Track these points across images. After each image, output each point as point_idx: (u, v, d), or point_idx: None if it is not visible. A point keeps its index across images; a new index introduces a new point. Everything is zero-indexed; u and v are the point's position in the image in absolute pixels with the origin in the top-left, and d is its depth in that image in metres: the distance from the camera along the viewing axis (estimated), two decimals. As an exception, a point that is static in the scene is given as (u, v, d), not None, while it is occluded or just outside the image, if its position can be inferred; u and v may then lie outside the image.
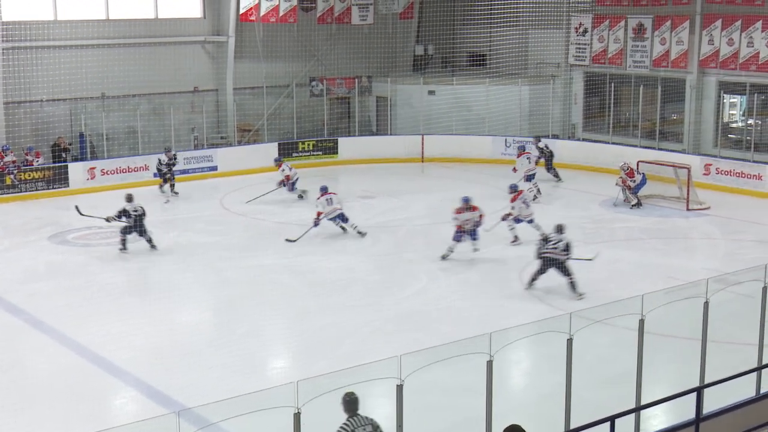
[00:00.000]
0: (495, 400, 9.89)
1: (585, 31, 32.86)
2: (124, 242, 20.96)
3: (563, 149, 31.10)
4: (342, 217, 22.29)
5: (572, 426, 10.11)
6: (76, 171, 27.59)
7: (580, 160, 30.53)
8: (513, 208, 21.58)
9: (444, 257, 20.22)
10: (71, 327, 16.17)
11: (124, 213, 20.94)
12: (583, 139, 32.79)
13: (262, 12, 32.20)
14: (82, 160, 28.68)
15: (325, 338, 15.73)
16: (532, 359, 14.81)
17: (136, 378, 14.02)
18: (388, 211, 25.28)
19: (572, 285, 17.66)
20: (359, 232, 22.29)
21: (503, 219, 21.62)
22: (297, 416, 8.41)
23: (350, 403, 9.35)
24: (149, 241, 21.04)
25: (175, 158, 27.19)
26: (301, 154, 31.50)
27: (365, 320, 16.56)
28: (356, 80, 33.93)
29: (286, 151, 31.21)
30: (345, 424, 9.39)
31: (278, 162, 26.72)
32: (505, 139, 31.73)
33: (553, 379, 11.13)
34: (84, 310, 17.29)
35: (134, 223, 20.94)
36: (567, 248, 17.82)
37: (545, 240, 18.19)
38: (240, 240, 22.33)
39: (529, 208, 21.76)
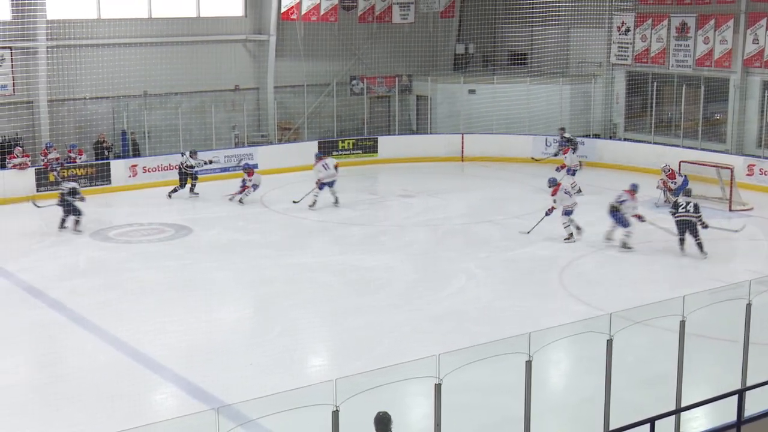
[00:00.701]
0: (533, 400, 9.86)
1: (627, 30, 32.65)
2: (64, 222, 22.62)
3: (604, 149, 30.96)
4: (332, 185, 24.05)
5: (612, 427, 10.07)
6: (118, 168, 27.85)
7: (621, 161, 30.34)
8: (555, 201, 21.63)
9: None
10: (111, 323, 16.32)
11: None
12: (625, 139, 32.61)
13: (304, 11, 32.32)
14: (124, 157, 28.96)
15: (363, 337, 15.76)
16: (572, 360, 14.75)
17: (175, 374, 14.12)
18: (427, 210, 25.28)
19: (700, 246, 19.78)
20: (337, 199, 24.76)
21: (547, 214, 21.69)
22: (335, 414, 8.41)
23: (381, 421, 9.27)
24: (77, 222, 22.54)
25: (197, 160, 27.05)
26: (341, 152, 31.57)
27: (403, 319, 16.56)
28: (396, 79, 33.96)
29: (327, 149, 31.26)
30: None
31: (318, 157, 26.30)
32: (546, 139, 31.60)
33: (593, 380, 11.06)
34: (124, 306, 17.46)
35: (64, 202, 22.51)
36: (697, 209, 19.54)
37: (675, 206, 19.92)
38: (279, 238, 22.44)
39: (571, 197, 21.77)
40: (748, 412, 10.60)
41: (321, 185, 24.94)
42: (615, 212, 20.95)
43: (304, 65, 32.57)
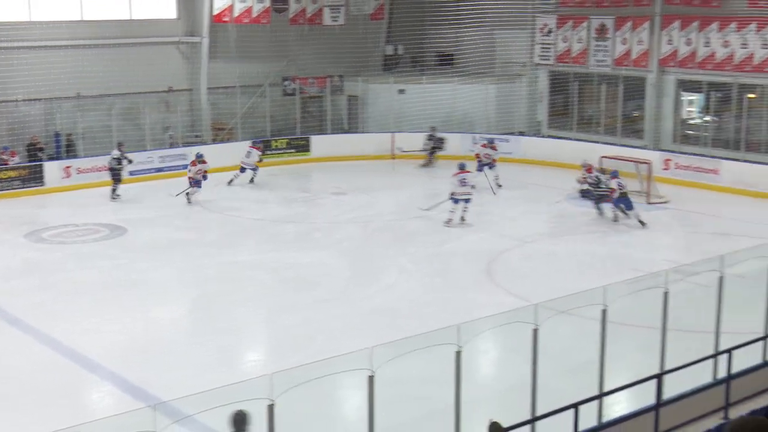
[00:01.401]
0: (463, 389, 10.08)
1: (549, 31, 33.36)
2: None
3: (529, 146, 31.61)
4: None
5: (538, 413, 10.45)
6: (52, 170, 27.63)
7: (545, 157, 31.03)
8: (452, 184, 22.94)
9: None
10: (47, 324, 16.27)
11: None
12: (549, 136, 33.26)
13: (236, 13, 32.37)
14: (57, 159, 28.73)
15: (298, 333, 15.93)
16: (500, 350, 15.10)
17: (112, 373, 14.17)
18: (359, 207, 25.58)
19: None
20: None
21: (453, 200, 22.97)
22: (271, 408, 8.56)
23: (237, 422, 9.16)
24: None
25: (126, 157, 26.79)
26: (274, 152, 31.72)
27: (338, 315, 16.80)
28: (328, 79, 34.16)
29: (262, 148, 31.39)
30: None
31: (253, 144, 27.50)
32: (473, 137, 32.14)
33: (520, 369, 11.32)
34: (59, 307, 17.44)
35: None
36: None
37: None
38: (215, 237, 22.54)
39: (464, 186, 22.84)
40: (667, 395, 11.13)
41: (241, 169, 28.34)
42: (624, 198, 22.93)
43: (237, 67, 32.56)
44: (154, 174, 28.64)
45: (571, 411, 10.00)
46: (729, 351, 11.35)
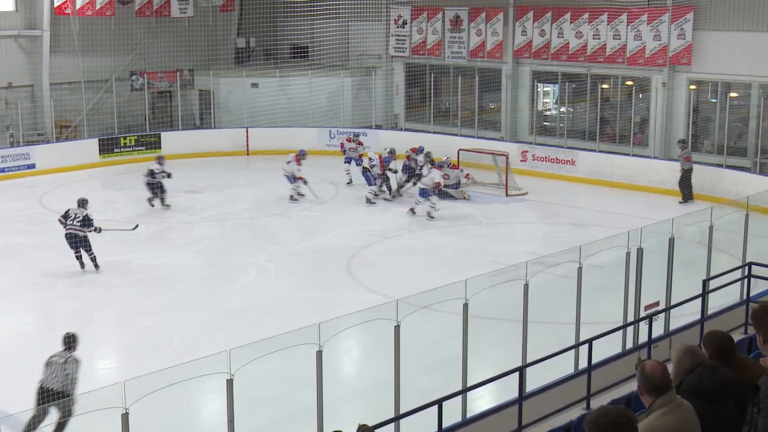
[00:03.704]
0: (326, 389, 10.05)
1: (404, 23, 33.43)
2: None
3: (387, 139, 31.55)
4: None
5: (402, 410, 10.34)
6: None
7: (402, 150, 30.99)
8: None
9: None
10: None
11: None
12: (406, 129, 33.34)
13: (78, 5, 31.31)
14: None
15: (153, 337, 15.56)
16: (362, 347, 15.06)
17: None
18: (214, 205, 25.10)
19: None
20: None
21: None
22: (125, 417, 8.33)
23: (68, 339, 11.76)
24: None
25: None
26: (123, 149, 30.83)
27: (195, 316, 16.45)
28: (178, 74, 33.46)
29: (108, 147, 30.47)
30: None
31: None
32: (330, 131, 31.94)
33: (383, 366, 11.32)
34: None
35: None
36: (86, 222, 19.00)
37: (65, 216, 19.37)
38: (62, 240, 21.65)
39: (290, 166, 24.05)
40: (529, 387, 11.14)
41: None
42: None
43: (81, 61, 31.53)
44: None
45: (435, 407, 9.84)
46: (589, 341, 11.40)
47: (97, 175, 29.15)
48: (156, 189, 24.16)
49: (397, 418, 10.22)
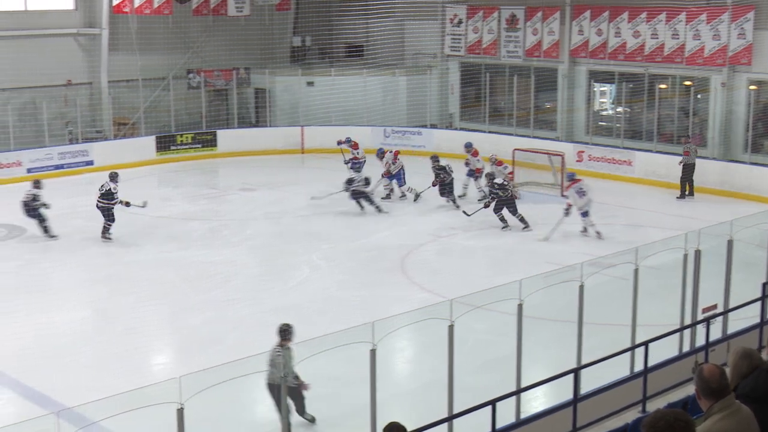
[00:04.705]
0: (379, 388, 10.01)
1: (460, 21, 33.32)
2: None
3: (441, 139, 31.50)
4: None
5: (455, 411, 10.29)
6: (-54, 168, 26.72)
7: (458, 150, 30.89)
8: (568, 197, 21.36)
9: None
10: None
11: None
12: (461, 129, 33.22)
13: (136, 3, 31.63)
14: (-49, 156, 27.77)
15: (207, 333, 15.62)
16: (415, 346, 14.99)
17: (12, 379, 13.73)
18: (268, 203, 25.18)
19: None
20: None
21: (566, 213, 20.87)
22: (180, 412, 8.38)
23: (284, 331, 11.26)
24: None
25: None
26: (179, 147, 31.11)
27: (248, 313, 16.51)
28: (234, 72, 33.67)
29: (164, 144, 30.78)
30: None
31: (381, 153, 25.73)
32: (384, 129, 31.94)
33: (436, 366, 11.27)
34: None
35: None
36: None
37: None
38: (119, 235, 21.92)
39: (584, 197, 21.01)
40: (584, 389, 11.01)
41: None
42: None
43: (139, 59, 31.87)
44: (54, 171, 27.73)
45: (489, 408, 9.77)
46: (645, 344, 11.30)
47: (154, 172, 29.49)
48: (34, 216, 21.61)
49: (450, 418, 10.17)
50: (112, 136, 31.25)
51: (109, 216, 21.14)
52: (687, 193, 25.23)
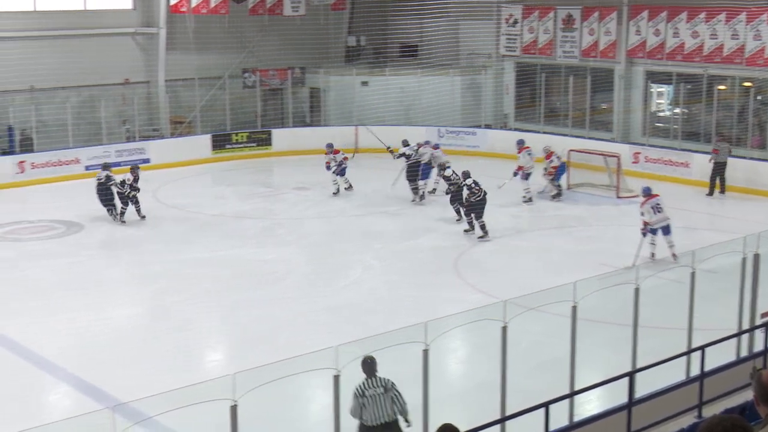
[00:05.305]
0: (431, 388, 9.99)
1: (515, 21, 33.14)
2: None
3: (496, 139, 31.36)
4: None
5: (508, 413, 10.24)
6: (5, 165, 27.09)
7: (512, 150, 30.69)
8: (643, 213, 19.31)
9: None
10: (1, 323, 15.92)
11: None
12: (516, 129, 33.03)
13: (193, 3, 31.88)
14: (11, 153, 28.18)
15: (260, 331, 15.70)
16: (468, 347, 14.95)
17: (69, 374, 13.90)
18: (322, 202, 25.23)
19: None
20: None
21: (644, 234, 19.10)
22: (234, 408, 8.43)
23: (367, 365, 9.98)
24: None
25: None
26: (234, 146, 31.32)
27: (300, 312, 16.54)
28: (289, 71, 33.80)
29: (220, 142, 31.01)
30: (359, 385, 9.89)
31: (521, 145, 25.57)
32: (438, 129, 31.86)
33: (489, 367, 11.22)
34: (14, 306, 17.03)
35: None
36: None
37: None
38: (174, 233, 22.13)
39: (660, 213, 19.27)
40: (639, 393, 10.91)
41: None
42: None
43: (196, 58, 32.14)
44: (113, 168, 27.99)
45: (542, 410, 9.75)
46: (702, 348, 11.16)
47: (209, 170, 29.72)
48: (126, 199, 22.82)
49: (503, 420, 10.13)
50: (168, 135, 31.55)
51: (123, 201, 22.71)
52: (719, 191, 25.14)
